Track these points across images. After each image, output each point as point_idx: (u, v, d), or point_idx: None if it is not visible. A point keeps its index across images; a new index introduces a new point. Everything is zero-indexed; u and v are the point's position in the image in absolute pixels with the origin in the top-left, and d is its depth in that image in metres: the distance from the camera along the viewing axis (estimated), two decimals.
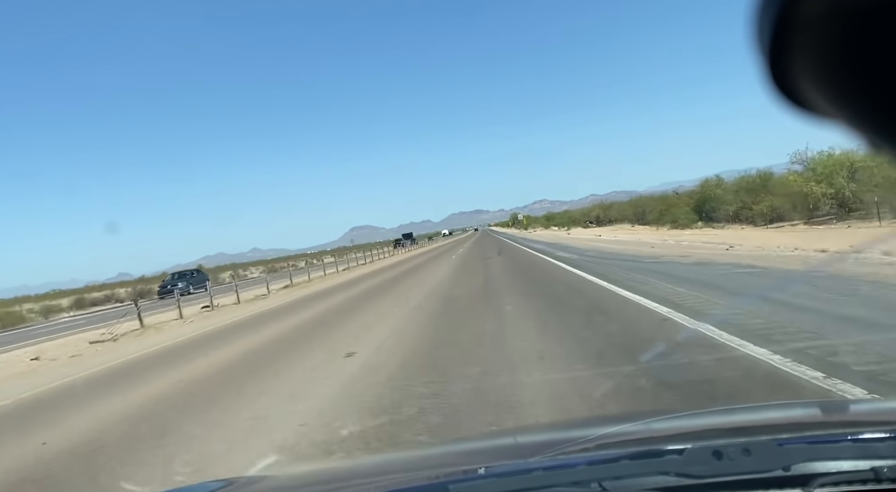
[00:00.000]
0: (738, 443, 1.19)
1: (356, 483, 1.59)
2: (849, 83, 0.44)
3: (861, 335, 5.07)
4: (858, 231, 15.86)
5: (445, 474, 1.43)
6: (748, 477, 1.13)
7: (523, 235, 60.49)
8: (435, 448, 2.47)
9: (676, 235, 25.67)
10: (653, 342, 5.79)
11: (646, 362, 5.06)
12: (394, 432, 4.26)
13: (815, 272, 9.24)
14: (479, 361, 6.11)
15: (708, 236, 21.40)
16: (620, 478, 1.18)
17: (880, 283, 7.54)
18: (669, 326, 6.58)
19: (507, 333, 7.63)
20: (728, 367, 4.64)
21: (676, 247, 18.59)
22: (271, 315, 15.48)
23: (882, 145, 0.46)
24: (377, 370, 6.40)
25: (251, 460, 4.07)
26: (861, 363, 4.26)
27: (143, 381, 8.20)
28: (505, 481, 1.24)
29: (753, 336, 5.43)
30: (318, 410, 5.17)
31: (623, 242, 25.35)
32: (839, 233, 16.06)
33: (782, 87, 0.47)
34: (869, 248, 10.74)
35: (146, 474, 4.28)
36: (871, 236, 13.67)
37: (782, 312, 6.45)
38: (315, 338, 9.79)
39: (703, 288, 9.03)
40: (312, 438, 4.39)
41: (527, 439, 2.02)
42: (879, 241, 11.82)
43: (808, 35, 0.43)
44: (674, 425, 1.76)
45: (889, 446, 1.18)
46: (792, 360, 4.58)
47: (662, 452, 1.27)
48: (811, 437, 1.34)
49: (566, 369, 5.29)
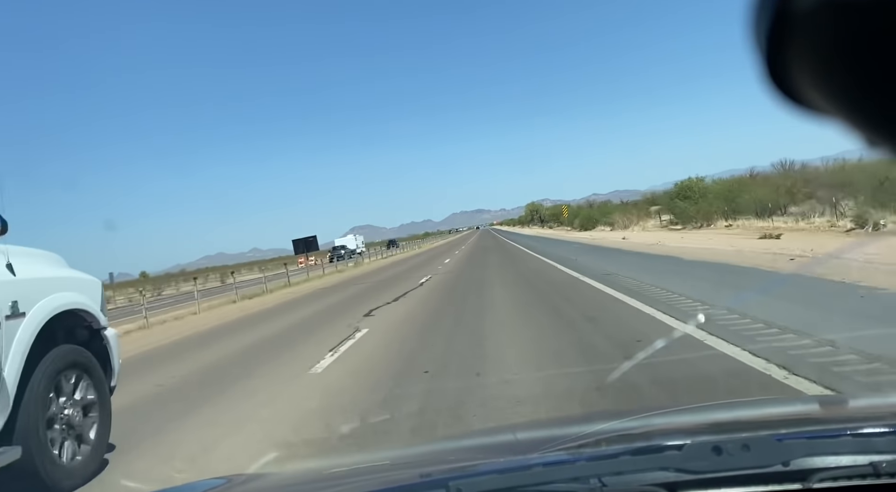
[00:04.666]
0: (737, 438, 1.20)
1: (355, 479, 1.60)
2: (846, 80, 0.44)
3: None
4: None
5: (445, 469, 1.43)
6: (747, 472, 1.13)
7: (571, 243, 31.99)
8: (434, 444, 2.47)
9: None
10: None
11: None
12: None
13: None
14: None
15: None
16: (620, 473, 1.18)
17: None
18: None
19: None
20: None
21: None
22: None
23: (879, 143, 0.46)
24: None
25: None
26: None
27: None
28: (504, 477, 1.24)
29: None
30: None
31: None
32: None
33: (780, 84, 0.47)
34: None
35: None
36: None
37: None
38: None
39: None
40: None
41: (526, 434, 2.03)
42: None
43: (806, 31, 0.43)
44: (673, 421, 1.77)
45: (888, 441, 1.18)
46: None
47: (662, 447, 1.27)
48: (810, 432, 1.35)
49: None
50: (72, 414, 4.08)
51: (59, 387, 4.02)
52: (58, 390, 4.01)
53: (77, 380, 4.19)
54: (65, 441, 4.00)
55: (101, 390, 4.38)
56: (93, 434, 4.24)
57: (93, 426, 4.26)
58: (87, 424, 4.24)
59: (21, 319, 3.72)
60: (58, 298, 4.10)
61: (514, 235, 70.77)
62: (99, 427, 4.30)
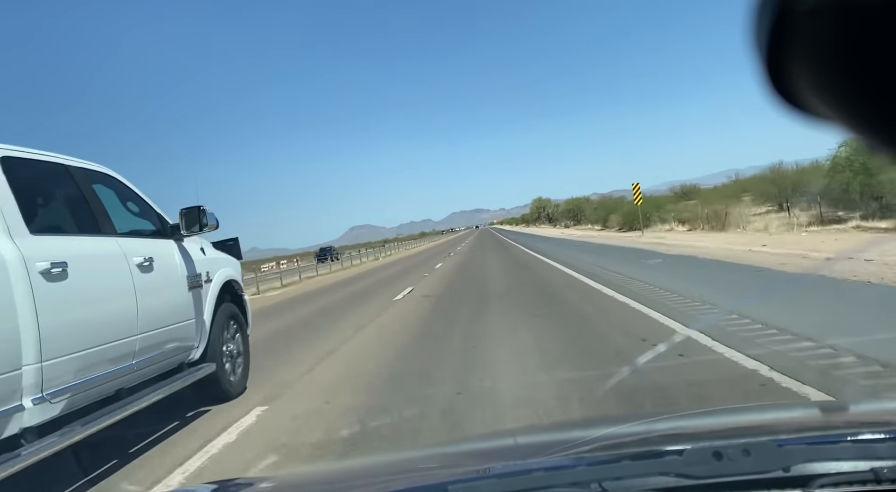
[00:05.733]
0: (737, 443, 1.20)
1: (353, 484, 1.59)
2: (847, 84, 0.44)
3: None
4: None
5: (444, 474, 1.43)
6: (748, 478, 1.13)
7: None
8: (434, 449, 2.47)
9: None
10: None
11: None
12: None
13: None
14: None
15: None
16: (620, 478, 1.18)
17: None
18: None
19: None
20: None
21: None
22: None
23: (879, 147, 0.46)
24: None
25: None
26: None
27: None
28: (504, 482, 1.24)
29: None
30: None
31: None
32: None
33: (780, 88, 0.47)
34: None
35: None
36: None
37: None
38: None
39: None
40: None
41: (527, 439, 2.02)
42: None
43: (807, 35, 0.43)
44: (674, 426, 1.76)
45: (889, 447, 1.18)
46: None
47: (662, 452, 1.27)
48: (811, 437, 1.34)
49: None
50: (233, 348, 6.06)
51: (227, 329, 5.99)
52: (226, 331, 5.97)
53: (234, 326, 6.18)
54: (231, 364, 5.98)
55: (244, 334, 6.45)
56: (241, 362, 6.22)
57: (241, 357, 6.22)
58: (239, 355, 6.20)
59: (210, 283, 5.72)
60: (224, 271, 6.10)
61: (524, 237, 51.70)
62: (244, 358, 6.32)
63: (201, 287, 5.51)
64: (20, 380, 3.29)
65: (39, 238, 3.67)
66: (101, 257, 4.20)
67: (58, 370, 3.53)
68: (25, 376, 3.32)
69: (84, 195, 4.39)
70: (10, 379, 3.23)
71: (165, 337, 4.80)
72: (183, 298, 5.17)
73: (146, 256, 4.67)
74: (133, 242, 4.71)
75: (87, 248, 4.11)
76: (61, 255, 3.72)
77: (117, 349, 4.13)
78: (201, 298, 5.48)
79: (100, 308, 4.04)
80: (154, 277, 4.71)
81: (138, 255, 4.58)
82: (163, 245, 5.14)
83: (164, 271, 4.90)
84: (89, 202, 4.40)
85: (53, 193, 4.35)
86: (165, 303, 4.87)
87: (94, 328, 3.91)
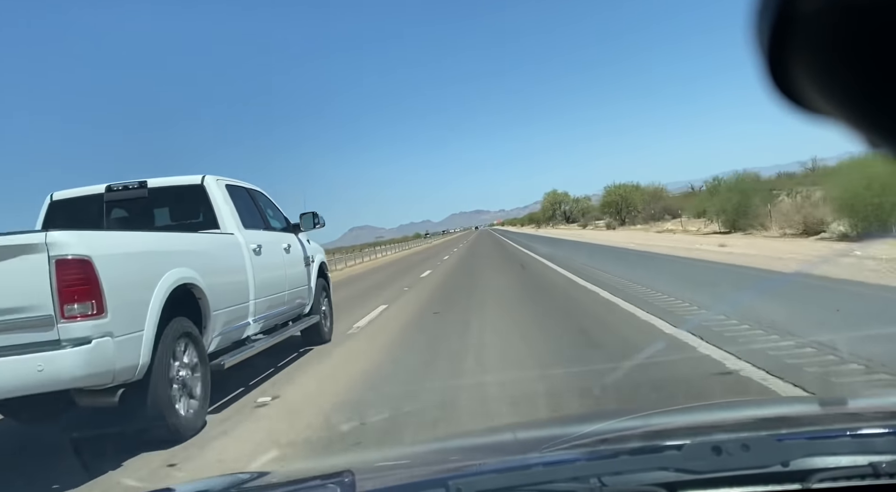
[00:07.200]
0: (736, 438, 1.20)
1: (353, 479, 1.60)
2: (849, 81, 0.44)
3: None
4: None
5: (444, 469, 1.43)
6: (747, 472, 1.13)
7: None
8: (433, 444, 2.47)
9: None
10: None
11: None
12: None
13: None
14: None
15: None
16: (619, 473, 1.18)
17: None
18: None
19: None
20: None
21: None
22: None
23: (881, 144, 0.46)
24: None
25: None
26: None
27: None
28: (504, 477, 1.24)
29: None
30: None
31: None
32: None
33: (782, 85, 0.47)
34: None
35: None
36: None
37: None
38: None
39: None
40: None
41: (526, 434, 2.03)
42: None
43: (808, 32, 0.43)
44: (672, 421, 1.77)
45: (888, 442, 1.19)
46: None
47: (661, 447, 1.27)
48: (810, 432, 1.35)
49: None
50: (325, 308, 8.27)
51: (322, 294, 8.17)
52: (322, 296, 8.16)
53: (325, 293, 8.39)
54: (324, 319, 8.14)
55: (329, 300, 8.68)
56: (329, 319, 8.47)
57: (329, 317, 8.45)
58: (327, 316, 8.39)
59: (313, 263, 7.93)
60: (319, 256, 8.32)
61: (564, 250, 24.22)
62: (330, 317, 8.53)
63: (309, 266, 7.83)
64: (247, 309, 5.79)
65: (247, 231, 6.12)
66: (272, 242, 6.68)
67: (260, 306, 6.03)
68: (249, 307, 5.84)
69: (256, 205, 6.85)
70: (244, 307, 5.73)
71: (296, 294, 7.24)
72: (303, 271, 7.58)
73: (288, 243, 7.19)
74: (280, 234, 7.21)
75: (266, 237, 6.58)
76: (257, 241, 6.19)
77: (280, 298, 6.66)
78: (309, 272, 7.81)
79: (274, 272, 6.53)
80: (292, 256, 7.21)
81: (285, 242, 7.11)
82: (291, 237, 7.49)
83: (295, 253, 7.37)
84: (258, 209, 6.86)
85: (244, 204, 6.50)
86: (297, 273, 7.31)
87: (272, 284, 6.40)
